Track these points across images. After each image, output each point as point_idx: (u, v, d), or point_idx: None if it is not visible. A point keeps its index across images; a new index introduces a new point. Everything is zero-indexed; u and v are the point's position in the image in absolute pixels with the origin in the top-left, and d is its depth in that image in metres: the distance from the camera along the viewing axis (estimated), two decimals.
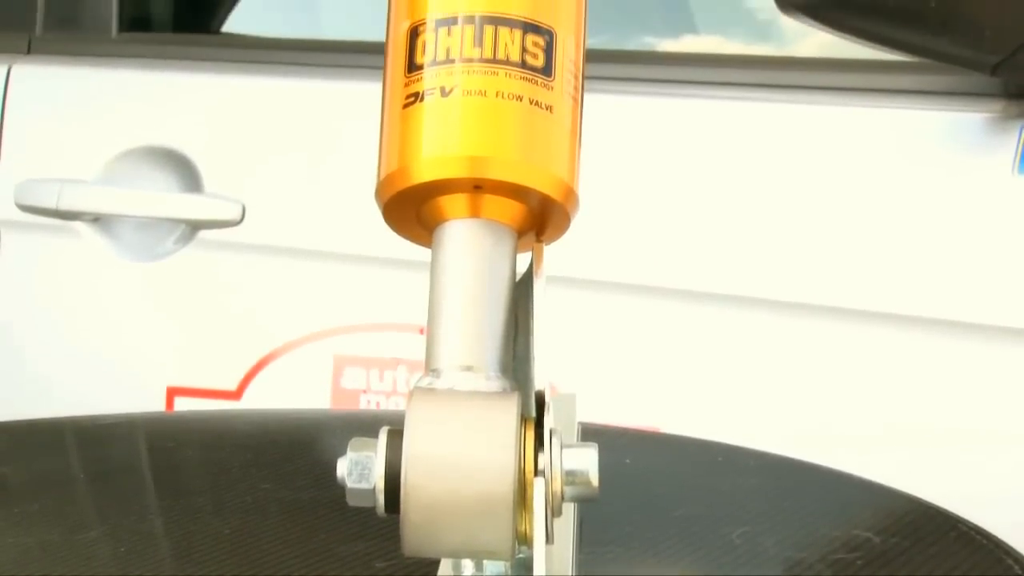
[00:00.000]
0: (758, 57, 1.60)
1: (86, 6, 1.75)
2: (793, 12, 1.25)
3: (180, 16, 1.96)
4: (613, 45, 1.73)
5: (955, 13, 1.22)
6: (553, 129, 0.75)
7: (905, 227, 1.37)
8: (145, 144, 1.65)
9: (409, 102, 0.74)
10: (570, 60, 0.76)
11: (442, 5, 0.75)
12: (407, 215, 0.77)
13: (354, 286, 1.56)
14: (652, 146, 1.48)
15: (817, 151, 1.43)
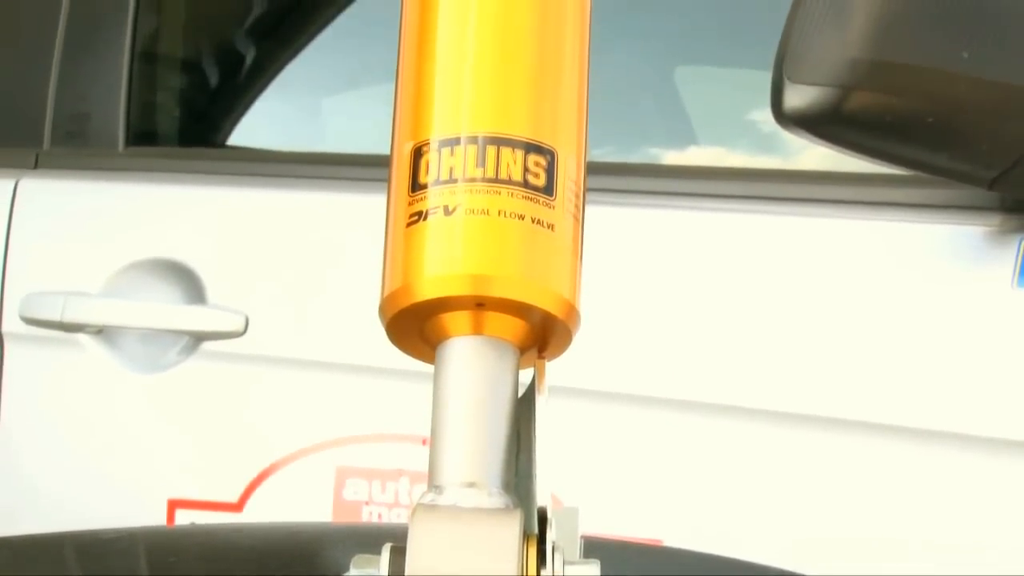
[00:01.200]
0: (759, 170, 1.62)
1: (93, 121, 1.77)
2: (791, 126, 1.26)
3: (186, 130, 1.98)
4: (616, 157, 1.75)
5: (952, 129, 1.24)
6: (555, 247, 0.76)
7: (905, 340, 1.38)
8: (150, 256, 1.66)
9: (413, 221, 0.75)
10: (571, 179, 0.77)
11: (445, 126, 0.76)
12: (410, 332, 0.77)
13: (356, 397, 1.56)
14: (655, 258, 1.49)
15: (818, 264, 1.44)
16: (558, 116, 0.78)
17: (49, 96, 1.77)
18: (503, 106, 0.76)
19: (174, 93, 1.99)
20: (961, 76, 1.21)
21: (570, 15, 0.79)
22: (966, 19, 1.21)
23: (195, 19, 2.04)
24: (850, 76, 1.22)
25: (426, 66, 0.78)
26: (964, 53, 1.20)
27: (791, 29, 1.24)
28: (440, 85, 0.77)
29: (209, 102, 2.02)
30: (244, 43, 2.06)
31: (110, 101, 1.77)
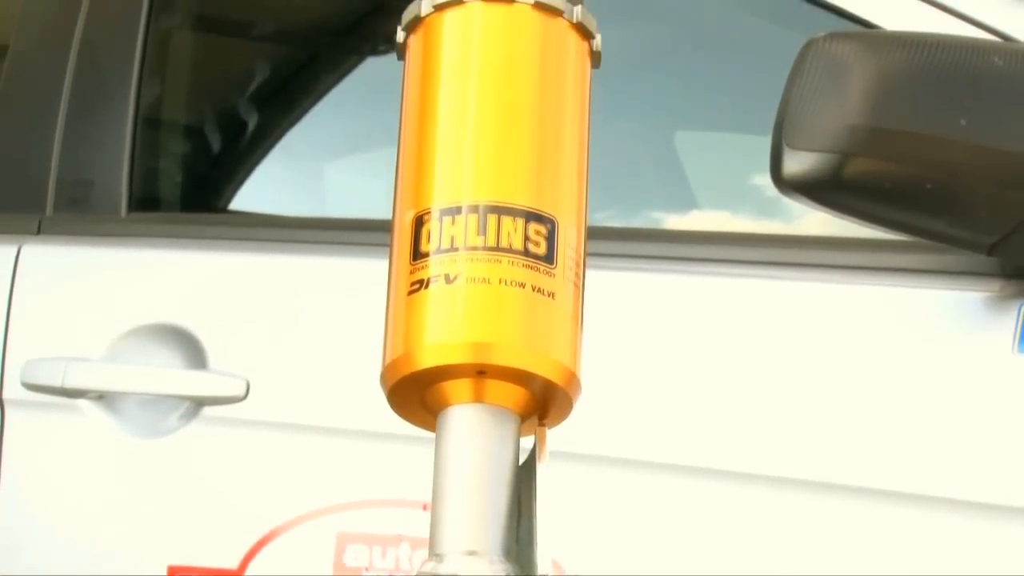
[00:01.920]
0: (759, 235, 1.62)
1: (96, 187, 1.77)
2: (790, 192, 1.27)
3: (188, 195, 1.98)
4: (617, 221, 1.75)
5: (951, 195, 1.24)
6: (555, 315, 0.76)
7: (906, 406, 1.38)
8: (151, 321, 1.66)
9: (414, 289, 0.76)
10: (571, 247, 0.77)
11: (446, 195, 0.77)
12: (412, 399, 0.78)
13: (357, 462, 1.56)
14: (657, 322, 1.49)
15: (817, 329, 1.44)
16: (558, 185, 0.78)
17: (53, 162, 1.78)
18: (504, 175, 0.77)
19: (177, 159, 2.00)
20: (959, 143, 1.21)
21: (570, 85, 0.80)
22: (963, 86, 1.22)
23: (198, 85, 2.05)
24: (849, 143, 1.22)
25: (427, 136, 0.78)
26: (962, 120, 1.21)
27: (790, 96, 1.25)
28: (441, 155, 0.78)
29: (212, 167, 2.03)
30: (247, 109, 2.08)
31: (113, 167, 1.77)
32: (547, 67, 0.79)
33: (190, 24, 2.04)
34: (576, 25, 0.80)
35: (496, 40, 0.78)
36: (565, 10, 0.79)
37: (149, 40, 1.81)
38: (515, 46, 0.78)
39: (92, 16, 1.82)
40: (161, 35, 1.89)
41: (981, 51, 1.23)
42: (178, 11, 1.97)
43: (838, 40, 1.24)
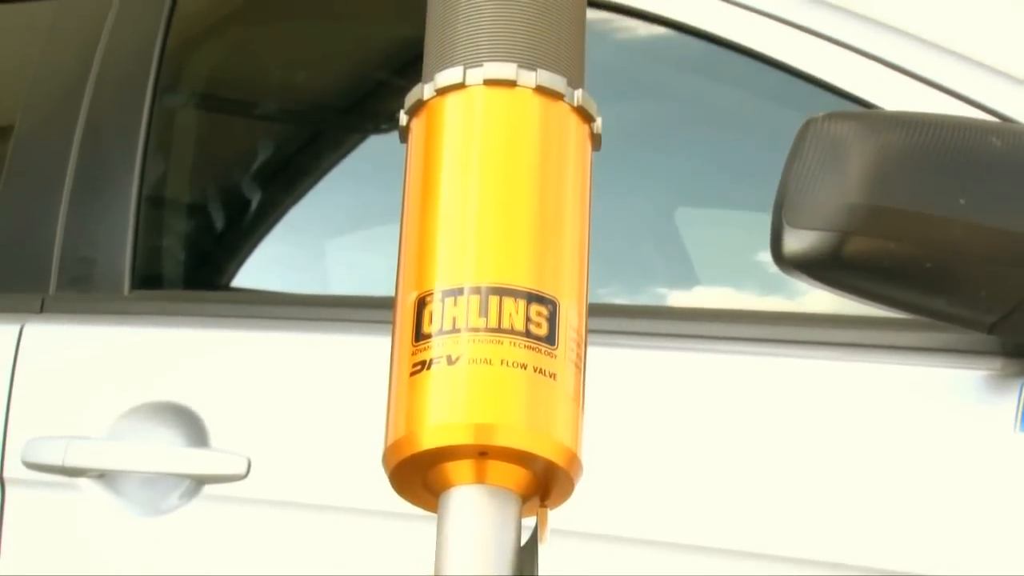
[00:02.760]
0: (758, 312, 1.62)
1: (99, 266, 1.78)
2: (791, 270, 1.27)
3: (191, 273, 1.99)
4: (618, 298, 1.76)
5: (950, 273, 1.25)
6: (556, 396, 0.76)
7: (907, 484, 1.37)
8: (153, 400, 1.66)
9: (416, 370, 0.76)
10: (572, 328, 0.78)
11: (448, 276, 0.77)
12: (413, 480, 0.78)
13: (359, 540, 1.55)
14: (659, 400, 1.49)
15: (820, 407, 1.44)
16: (560, 266, 0.79)
17: (56, 241, 1.79)
18: (506, 257, 0.77)
19: (180, 237, 2.01)
20: (958, 222, 1.22)
21: (571, 168, 0.81)
22: (962, 166, 1.22)
23: (202, 164, 2.06)
24: (848, 221, 1.23)
25: (430, 218, 0.79)
26: (961, 199, 1.22)
27: (789, 174, 1.25)
28: (443, 237, 0.78)
29: (215, 245, 2.04)
30: (250, 187, 2.09)
31: (116, 246, 1.78)
32: (548, 150, 0.79)
33: (194, 103, 2.05)
34: (577, 108, 0.81)
35: (498, 124, 0.79)
36: (566, 94, 0.80)
37: (153, 119, 1.82)
38: (517, 130, 0.79)
39: (97, 96, 1.83)
40: (165, 114, 1.90)
41: (979, 131, 1.24)
42: (182, 91, 1.99)
43: (837, 119, 1.25)
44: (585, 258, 0.81)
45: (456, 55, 0.80)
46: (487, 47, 0.79)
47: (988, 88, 1.46)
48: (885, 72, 1.52)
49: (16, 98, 1.93)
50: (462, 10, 0.80)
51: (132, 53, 1.86)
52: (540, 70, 0.79)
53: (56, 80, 1.90)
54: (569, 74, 0.80)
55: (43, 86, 1.91)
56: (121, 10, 1.88)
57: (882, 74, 1.52)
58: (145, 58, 1.84)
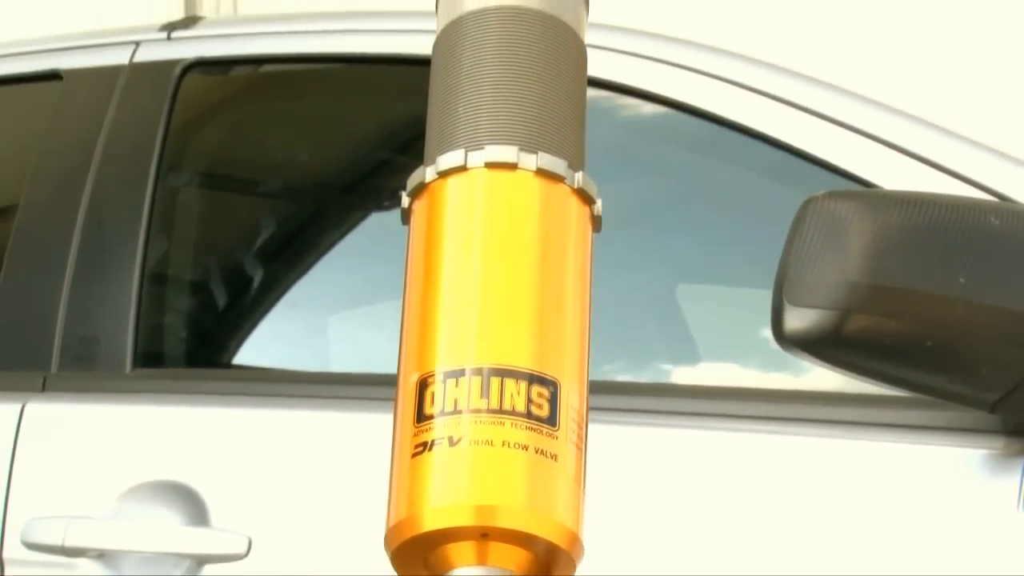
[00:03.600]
0: (762, 391, 1.62)
1: (102, 344, 1.78)
2: (792, 348, 1.27)
3: (193, 351, 1.99)
4: (624, 374, 1.76)
5: (951, 352, 1.25)
6: (558, 477, 0.76)
7: (910, 563, 1.37)
8: (154, 478, 1.66)
9: (418, 451, 0.76)
10: (573, 409, 0.78)
11: (450, 357, 0.77)
12: (415, 561, 0.78)
13: None
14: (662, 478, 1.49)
15: (822, 485, 1.43)
16: (561, 347, 0.79)
17: (59, 319, 1.79)
18: (507, 338, 0.78)
19: (182, 314, 2.01)
20: (958, 300, 1.22)
21: (572, 249, 0.81)
22: (961, 245, 1.23)
23: (205, 242, 2.07)
24: (849, 299, 1.23)
25: (431, 300, 0.79)
26: (961, 278, 1.22)
27: (790, 252, 1.26)
28: (445, 318, 0.78)
29: (217, 322, 2.04)
30: (252, 264, 2.09)
31: (119, 324, 1.78)
32: (549, 232, 0.80)
33: (197, 182, 2.06)
34: (577, 191, 0.81)
35: (499, 206, 0.80)
36: (567, 176, 0.81)
37: (156, 198, 1.83)
38: (518, 212, 0.79)
39: (101, 175, 1.84)
40: (168, 193, 1.91)
41: (978, 210, 1.25)
42: (185, 169, 2.00)
43: (837, 198, 1.26)
44: (586, 339, 0.81)
45: (457, 138, 0.80)
46: (488, 130, 0.80)
47: (986, 167, 1.47)
48: (884, 151, 1.53)
49: (21, 177, 1.94)
50: (463, 93, 0.81)
51: (136, 132, 1.87)
52: (541, 153, 0.80)
53: (61, 159, 1.91)
54: (570, 156, 0.81)
55: (48, 165, 1.92)
56: (125, 90, 1.89)
57: (881, 153, 1.53)
58: (149, 137, 1.86)
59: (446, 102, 0.81)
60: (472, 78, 0.80)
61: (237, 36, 2.03)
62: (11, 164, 2.10)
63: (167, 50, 1.93)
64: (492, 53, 0.81)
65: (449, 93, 0.81)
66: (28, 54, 2.04)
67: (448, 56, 0.82)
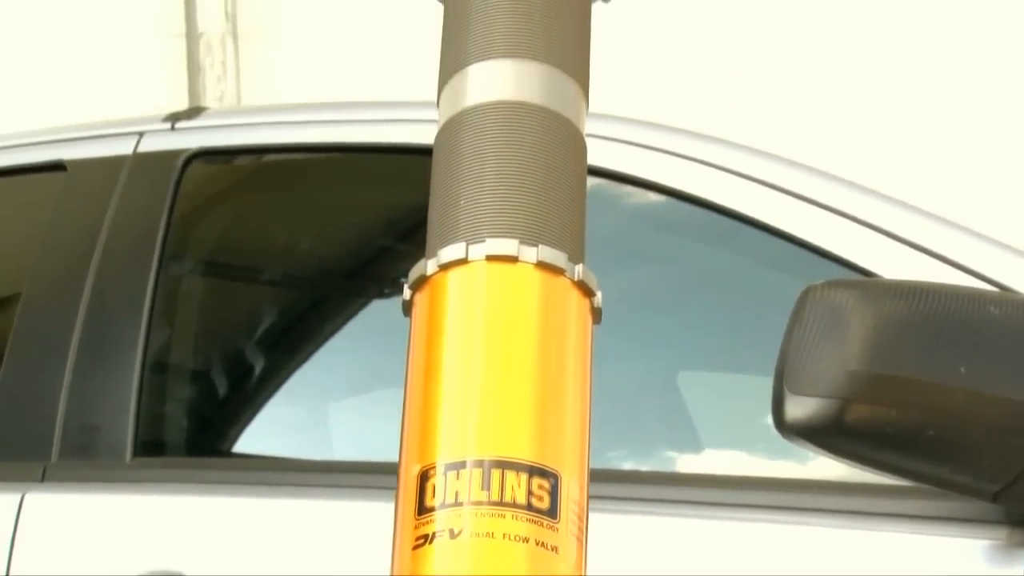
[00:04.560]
0: (765, 479, 1.62)
1: (102, 433, 1.78)
2: (793, 437, 1.27)
3: (194, 439, 1.99)
4: (627, 462, 1.75)
5: (953, 441, 1.25)
6: (558, 569, 0.76)
7: None
8: (152, 569, 1.65)
9: (419, 544, 0.76)
10: (574, 500, 0.78)
11: (451, 450, 0.77)
12: None
13: None
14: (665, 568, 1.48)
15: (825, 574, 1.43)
16: (561, 439, 0.79)
17: (60, 409, 1.79)
18: (507, 430, 0.78)
19: (183, 402, 2.01)
20: (959, 390, 1.22)
21: (572, 342, 0.81)
22: (961, 335, 1.23)
23: (206, 330, 2.07)
24: (849, 388, 1.23)
25: (432, 392, 0.79)
26: (961, 367, 1.22)
27: (790, 341, 1.26)
28: (446, 410, 0.79)
29: (218, 410, 2.04)
30: (253, 352, 2.10)
31: (120, 413, 1.78)
32: (549, 325, 0.80)
33: (199, 270, 2.07)
34: (578, 283, 0.82)
35: (500, 299, 0.80)
36: (567, 269, 0.81)
37: (159, 287, 1.84)
38: (518, 305, 0.80)
39: (104, 264, 1.85)
40: (170, 281, 1.92)
41: (977, 300, 1.25)
42: (188, 258, 2.01)
43: (836, 287, 1.27)
44: (587, 430, 0.81)
45: (459, 231, 0.81)
46: (489, 223, 0.80)
47: (985, 257, 1.48)
48: (883, 240, 1.54)
49: (25, 267, 1.95)
50: (464, 186, 0.82)
51: (139, 222, 1.88)
52: (541, 246, 0.80)
53: (64, 248, 1.92)
54: (570, 249, 0.81)
55: (51, 254, 1.93)
56: (129, 180, 1.91)
57: (880, 243, 1.54)
58: (151, 226, 1.87)
59: (447, 195, 0.82)
60: (473, 171, 0.81)
61: (240, 126, 2.05)
62: (15, 254, 2.11)
63: (171, 140, 1.95)
64: (493, 146, 0.81)
65: (450, 186, 0.82)
66: (33, 145, 2.06)
67: (449, 149, 0.83)
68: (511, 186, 0.81)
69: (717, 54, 3.70)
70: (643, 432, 1.86)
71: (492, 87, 0.83)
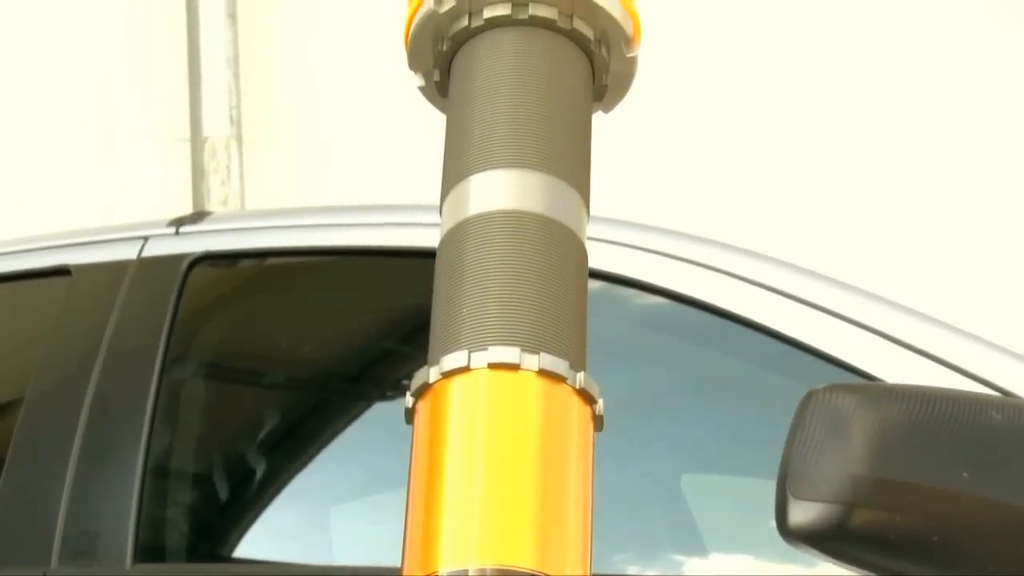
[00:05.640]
0: None
1: (102, 539, 1.77)
2: (796, 542, 1.27)
3: (194, 544, 1.98)
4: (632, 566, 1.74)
5: (957, 547, 1.24)
6: None
7: None
8: None
9: None
10: None
11: (454, 558, 0.77)
12: None
13: None
14: None
15: None
16: (563, 547, 0.79)
17: (60, 514, 1.78)
18: (509, 539, 0.78)
19: (184, 507, 2.00)
20: (963, 495, 1.22)
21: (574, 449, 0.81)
22: (963, 440, 1.23)
23: (208, 434, 2.07)
24: (852, 493, 1.23)
25: (434, 499, 0.79)
26: (964, 472, 1.22)
27: (792, 446, 1.26)
28: (448, 518, 0.79)
29: (219, 515, 2.03)
30: (255, 456, 2.09)
31: (120, 518, 1.77)
32: (551, 433, 0.80)
33: (201, 374, 2.07)
34: (579, 391, 0.82)
35: (501, 407, 0.80)
36: (568, 377, 0.81)
37: (161, 391, 1.84)
38: (520, 413, 0.80)
39: (106, 368, 1.85)
40: (173, 385, 1.92)
41: (979, 405, 1.25)
42: (190, 362, 2.01)
43: (839, 391, 1.26)
44: (588, 537, 0.81)
45: (461, 338, 0.81)
46: (491, 331, 0.81)
47: (987, 362, 1.48)
48: (885, 345, 1.54)
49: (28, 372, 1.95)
50: (467, 294, 0.82)
51: (142, 325, 1.89)
52: (543, 354, 0.80)
53: (67, 352, 1.92)
54: (571, 357, 0.82)
55: (54, 358, 1.93)
56: (133, 284, 1.91)
57: (882, 347, 1.54)
58: (155, 330, 1.87)
59: (450, 303, 0.82)
60: (475, 280, 0.82)
61: (244, 230, 2.06)
62: (19, 359, 2.11)
63: (176, 244, 1.96)
64: (495, 255, 0.82)
65: (453, 294, 0.82)
66: (38, 250, 2.07)
67: (452, 258, 0.84)
68: (513, 294, 0.81)
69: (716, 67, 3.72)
70: (647, 536, 1.85)
71: (494, 196, 0.84)
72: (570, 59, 0.88)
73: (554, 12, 0.87)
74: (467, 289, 0.82)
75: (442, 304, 0.83)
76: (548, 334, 0.81)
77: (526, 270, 0.82)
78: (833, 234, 3.59)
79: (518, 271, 0.82)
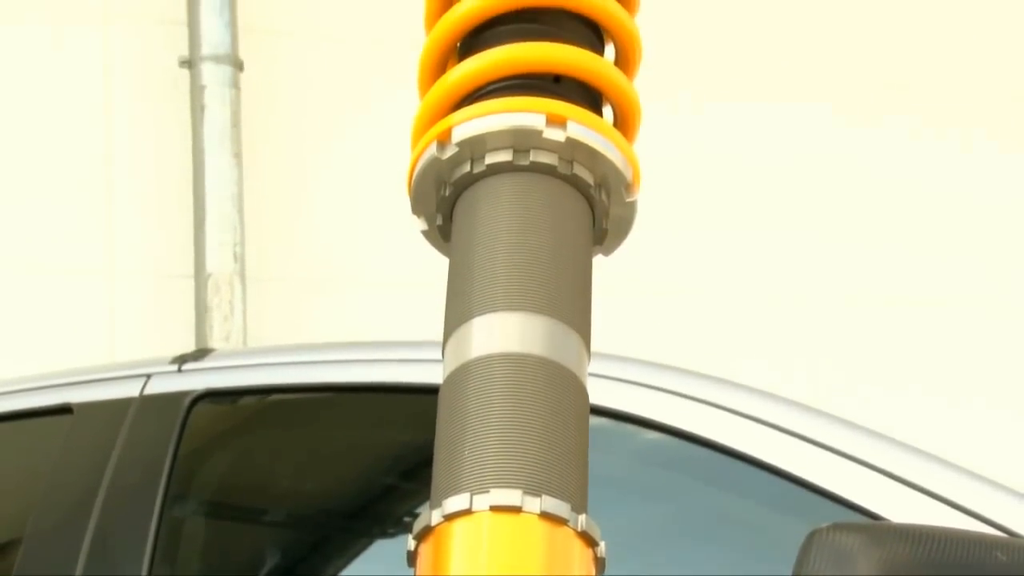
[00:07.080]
0: None
1: None
2: None
3: None
4: None
5: None
6: None
7: None
8: None
9: None
10: None
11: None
12: None
13: None
14: None
15: None
16: None
17: None
18: None
19: None
20: None
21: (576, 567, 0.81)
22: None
23: (208, 571, 2.05)
24: None
25: None
26: None
27: None
28: None
29: None
30: None
31: None
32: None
33: (203, 511, 2.06)
34: (581, 534, 0.82)
35: (503, 550, 0.80)
36: (570, 519, 0.81)
37: (161, 529, 1.83)
38: (522, 556, 0.80)
39: (107, 506, 1.84)
40: (173, 522, 1.91)
41: (985, 545, 1.24)
42: (192, 499, 2.00)
43: (842, 531, 1.26)
44: None
45: (463, 481, 0.81)
46: (493, 473, 0.81)
47: (992, 502, 1.48)
48: (890, 484, 1.54)
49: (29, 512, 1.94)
50: (468, 437, 0.82)
51: (144, 463, 1.89)
52: (544, 496, 0.80)
53: (68, 490, 1.92)
54: (573, 499, 0.82)
55: (55, 496, 1.93)
56: (135, 422, 1.91)
57: (887, 486, 1.54)
58: (156, 467, 1.87)
59: (452, 445, 0.82)
60: (477, 422, 0.82)
61: (246, 367, 2.06)
62: (20, 499, 2.10)
63: (178, 382, 1.96)
64: (496, 398, 0.82)
65: (455, 437, 0.82)
66: (40, 388, 2.07)
67: (454, 400, 0.84)
68: (514, 437, 0.81)
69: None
70: None
71: (495, 339, 0.84)
72: (570, 204, 0.89)
73: (555, 159, 0.88)
74: (469, 431, 0.82)
75: (444, 446, 0.83)
76: (550, 477, 0.81)
77: (527, 412, 0.82)
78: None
79: (519, 413, 0.82)
